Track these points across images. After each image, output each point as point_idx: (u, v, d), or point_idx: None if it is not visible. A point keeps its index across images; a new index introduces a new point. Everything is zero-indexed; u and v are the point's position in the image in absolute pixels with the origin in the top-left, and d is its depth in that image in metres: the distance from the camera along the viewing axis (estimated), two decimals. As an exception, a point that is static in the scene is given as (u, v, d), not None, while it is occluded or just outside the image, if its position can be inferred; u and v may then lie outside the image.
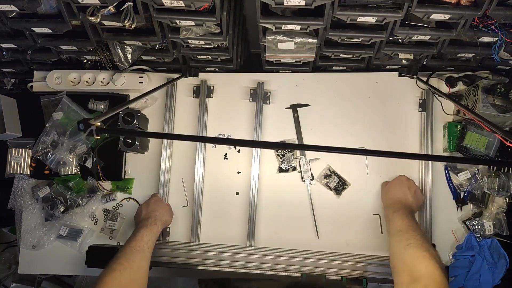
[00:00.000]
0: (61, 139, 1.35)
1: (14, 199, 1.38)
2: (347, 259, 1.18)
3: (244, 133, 1.36)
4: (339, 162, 1.32)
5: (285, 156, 1.33)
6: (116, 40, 1.18)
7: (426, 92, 1.30)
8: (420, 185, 1.27)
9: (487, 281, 1.21)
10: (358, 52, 1.23)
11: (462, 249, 1.23)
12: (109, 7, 1.00)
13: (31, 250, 1.35)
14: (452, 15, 0.98)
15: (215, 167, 1.35)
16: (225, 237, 1.31)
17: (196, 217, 1.30)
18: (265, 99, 1.35)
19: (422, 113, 1.30)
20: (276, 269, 1.18)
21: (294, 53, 1.22)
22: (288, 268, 1.17)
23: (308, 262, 1.17)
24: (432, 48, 1.18)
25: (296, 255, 1.19)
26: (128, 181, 1.37)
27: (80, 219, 1.35)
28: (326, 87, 1.36)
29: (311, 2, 0.96)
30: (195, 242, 1.29)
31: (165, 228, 1.31)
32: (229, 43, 1.23)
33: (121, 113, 1.30)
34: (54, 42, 1.21)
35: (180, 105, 1.38)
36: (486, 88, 1.15)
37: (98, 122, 0.89)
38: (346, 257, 1.20)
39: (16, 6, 1.01)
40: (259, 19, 1.05)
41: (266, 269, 1.18)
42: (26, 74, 1.49)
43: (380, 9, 0.99)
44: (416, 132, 1.31)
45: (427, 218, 1.25)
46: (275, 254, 1.19)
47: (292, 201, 1.32)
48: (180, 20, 1.06)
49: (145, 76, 1.37)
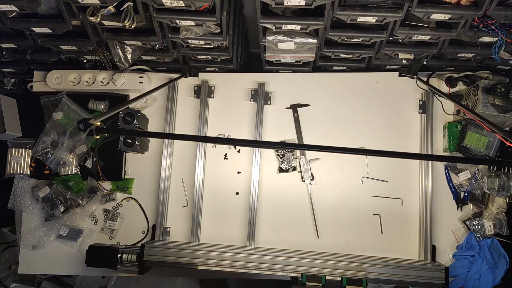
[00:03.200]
0: (61, 139, 1.35)
1: (14, 199, 1.38)
2: (348, 259, 1.18)
3: (244, 134, 1.35)
4: (339, 162, 1.32)
5: (285, 156, 1.33)
6: (116, 40, 1.18)
7: (426, 94, 1.30)
8: (420, 185, 1.26)
9: (487, 281, 1.21)
10: (358, 52, 1.23)
11: (462, 249, 1.23)
12: (109, 7, 1.00)
13: (31, 250, 1.35)
14: (452, 15, 0.98)
15: (215, 167, 1.35)
16: (225, 237, 1.31)
17: (196, 217, 1.30)
18: (266, 100, 1.35)
19: (422, 115, 1.30)
20: (275, 269, 1.17)
21: (294, 53, 1.22)
22: (287, 269, 1.16)
23: (308, 262, 1.17)
24: (432, 48, 1.18)
25: (296, 255, 1.19)
26: (128, 181, 1.37)
27: (80, 219, 1.35)
28: (326, 87, 1.36)
29: (311, 2, 0.96)
30: (195, 242, 1.29)
31: (165, 228, 1.31)
32: (229, 43, 1.23)
33: (121, 113, 1.30)
34: (54, 42, 1.21)
35: (181, 105, 1.38)
36: (486, 88, 1.14)
37: (98, 122, 0.89)
38: (346, 258, 1.19)
39: (16, 6, 1.01)
40: (259, 19, 1.05)
41: (265, 269, 1.18)
42: (26, 74, 1.49)
43: (380, 9, 0.99)
44: (416, 132, 1.31)
45: (428, 218, 1.25)
46: (275, 254, 1.19)
47: (292, 201, 1.31)
48: (180, 20, 1.06)
49: (145, 76, 1.37)
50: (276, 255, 1.18)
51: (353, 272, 1.15)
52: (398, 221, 1.28)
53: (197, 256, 1.19)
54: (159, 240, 1.30)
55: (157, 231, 1.31)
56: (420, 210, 1.26)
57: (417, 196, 1.27)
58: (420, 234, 1.26)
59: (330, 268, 1.15)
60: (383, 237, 1.28)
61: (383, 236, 1.28)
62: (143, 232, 1.35)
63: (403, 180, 1.29)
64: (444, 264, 1.20)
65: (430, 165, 1.26)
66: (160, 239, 1.31)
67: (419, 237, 1.26)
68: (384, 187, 1.30)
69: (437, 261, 1.23)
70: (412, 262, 1.20)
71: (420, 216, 1.25)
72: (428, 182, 1.26)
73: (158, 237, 1.30)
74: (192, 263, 1.19)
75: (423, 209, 1.25)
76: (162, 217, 1.31)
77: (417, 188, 1.27)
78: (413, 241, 1.26)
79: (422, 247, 1.24)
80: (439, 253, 1.26)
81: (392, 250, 1.27)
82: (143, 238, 1.35)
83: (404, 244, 1.27)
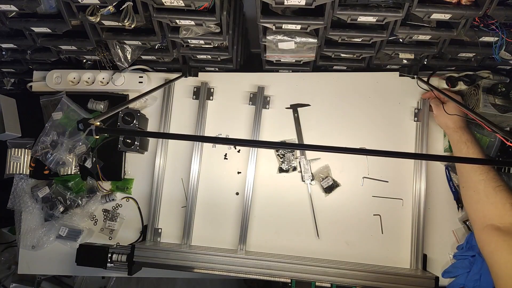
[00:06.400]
0: (60, 139, 1.35)
1: (13, 199, 1.38)
2: (340, 266, 1.16)
3: (242, 135, 1.35)
4: (339, 162, 1.32)
5: (285, 156, 1.32)
6: (116, 39, 1.18)
7: (422, 101, 1.30)
8: (420, 185, 1.26)
9: (487, 281, 1.20)
10: (358, 51, 1.23)
11: (463, 249, 1.23)
12: (109, 6, 1.00)
13: (30, 250, 1.35)
14: (452, 15, 0.98)
15: (215, 167, 1.35)
16: (219, 239, 1.31)
17: (189, 218, 1.30)
18: (265, 103, 1.35)
19: (418, 123, 1.30)
20: (265, 274, 1.16)
21: (295, 52, 1.22)
22: (278, 274, 1.15)
23: (298, 268, 1.15)
24: (432, 47, 1.18)
25: (287, 260, 1.17)
26: (128, 181, 1.37)
27: (80, 219, 1.35)
28: (327, 87, 1.36)
29: (311, 1, 0.96)
30: (186, 244, 1.29)
31: (156, 229, 1.32)
32: (229, 43, 1.23)
33: (120, 113, 1.30)
34: (54, 42, 1.21)
35: (179, 106, 1.38)
36: (487, 88, 1.14)
37: (98, 122, 0.89)
38: (338, 264, 1.18)
39: (16, 6, 1.01)
40: (259, 18, 1.05)
41: (254, 274, 1.16)
42: (25, 74, 1.49)
43: (380, 9, 0.99)
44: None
45: (428, 218, 1.25)
46: (266, 259, 1.16)
47: (292, 201, 1.31)
48: (180, 20, 1.06)
49: (145, 76, 1.37)
50: (267, 260, 1.17)
51: (343, 279, 1.14)
52: (398, 221, 1.28)
53: (186, 258, 1.19)
54: (150, 241, 1.30)
55: (148, 232, 1.31)
56: (420, 211, 1.25)
57: (417, 196, 1.26)
58: (412, 240, 1.25)
59: (320, 274, 1.14)
60: (383, 237, 1.27)
61: (384, 236, 1.28)
62: (141, 232, 1.35)
63: (403, 180, 1.29)
64: (436, 274, 1.18)
65: (429, 165, 1.26)
66: (151, 240, 1.30)
67: (410, 244, 1.26)
68: (385, 187, 1.30)
69: (428, 271, 1.23)
70: (403, 271, 1.19)
71: (419, 216, 1.25)
72: (430, 182, 1.25)
73: (149, 238, 1.30)
74: (182, 265, 1.18)
75: (422, 209, 1.24)
76: (154, 217, 1.31)
77: (417, 188, 1.27)
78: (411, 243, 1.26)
79: (413, 255, 1.25)
80: (439, 253, 1.26)
81: (392, 250, 1.27)
82: (138, 238, 1.35)
83: (404, 244, 1.27)
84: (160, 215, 1.33)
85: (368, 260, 1.26)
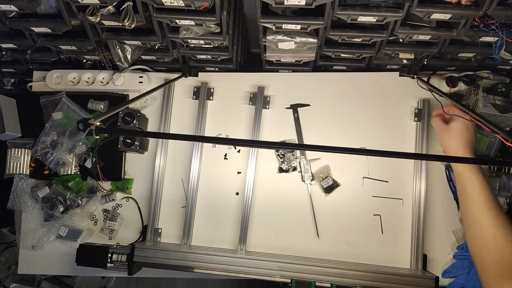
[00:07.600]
0: (60, 139, 1.35)
1: (13, 199, 1.38)
2: (340, 266, 1.16)
3: (242, 135, 1.35)
4: (339, 162, 1.32)
5: (285, 156, 1.32)
6: (116, 39, 1.18)
7: (422, 102, 1.29)
8: (420, 185, 1.26)
9: (487, 281, 1.21)
10: (358, 51, 1.23)
11: (463, 249, 1.23)
12: (109, 6, 1.00)
13: (30, 250, 1.35)
14: (452, 15, 0.98)
15: (214, 167, 1.35)
16: (219, 239, 1.31)
17: (189, 218, 1.29)
18: (265, 104, 1.35)
19: (418, 123, 1.30)
20: (265, 274, 1.16)
21: (295, 52, 1.22)
22: (278, 274, 1.15)
23: (298, 268, 1.14)
24: (432, 47, 1.18)
25: (287, 260, 1.17)
26: (128, 181, 1.37)
27: (80, 219, 1.35)
28: (327, 87, 1.36)
29: (311, 1, 0.96)
30: (186, 244, 1.29)
31: (156, 229, 1.32)
32: (229, 43, 1.23)
33: (120, 113, 1.30)
34: (54, 42, 1.21)
35: (179, 106, 1.38)
36: (486, 88, 1.14)
37: (98, 122, 0.89)
38: (338, 264, 1.18)
39: (16, 6, 1.01)
40: (259, 18, 1.05)
41: (255, 274, 1.16)
42: (25, 74, 1.49)
43: (380, 9, 0.99)
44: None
45: (428, 218, 1.25)
46: (266, 259, 1.16)
47: (292, 201, 1.31)
48: (180, 20, 1.06)
49: (145, 76, 1.37)
50: (267, 260, 1.17)
51: (343, 279, 1.13)
52: (398, 221, 1.28)
53: (186, 258, 1.19)
54: (150, 241, 1.30)
55: (148, 232, 1.31)
56: (420, 211, 1.25)
57: (417, 196, 1.26)
58: (412, 240, 1.25)
59: (320, 274, 1.14)
60: (383, 238, 1.27)
61: (384, 236, 1.28)
62: (141, 232, 1.35)
63: (403, 180, 1.29)
64: (436, 274, 1.18)
65: (425, 166, 1.26)
66: (151, 240, 1.30)
67: (410, 244, 1.26)
68: (385, 187, 1.30)
69: (428, 271, 1.23)
70: (403, 271, 1.19)
71: (419, 217, 1.25)
72: (430, 182, 1.25)
73: (149, 238, 1.30)
74: (182, 265, 1.18)
75: (422, 209, 1.24)
76: (154, 217, 1.31)
77: (417, 188, 1.27)
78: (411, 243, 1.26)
79: (413, 255, 1.24)
80: (439, 253, 1.26)
81: (392, 250, 1.27)
82: (138, 238, 1.35)
83: (404, 244, 1.27)
84: (160, 215, 1.33)
85: (368, 260, 1.26)
